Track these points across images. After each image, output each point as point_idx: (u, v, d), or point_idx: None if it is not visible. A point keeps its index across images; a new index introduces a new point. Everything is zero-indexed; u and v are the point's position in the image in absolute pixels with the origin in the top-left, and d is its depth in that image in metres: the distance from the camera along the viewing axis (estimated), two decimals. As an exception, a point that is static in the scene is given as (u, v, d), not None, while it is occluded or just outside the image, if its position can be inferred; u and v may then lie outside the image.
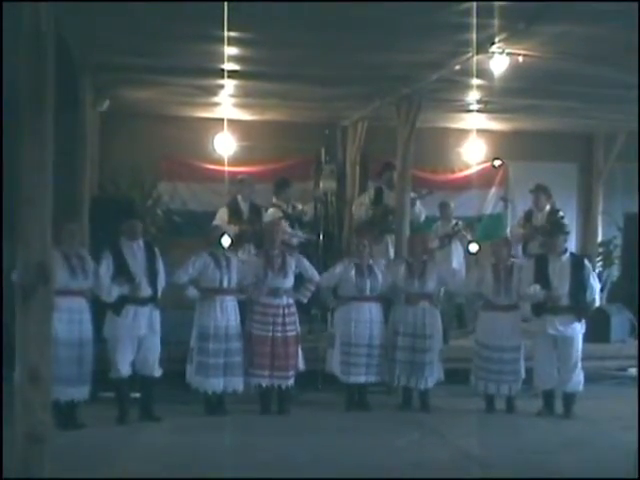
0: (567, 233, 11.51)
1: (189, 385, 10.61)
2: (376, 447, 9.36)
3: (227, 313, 10.59)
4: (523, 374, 11.01)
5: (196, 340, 10.55)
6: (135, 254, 10.23)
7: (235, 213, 13.03)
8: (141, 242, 10.34)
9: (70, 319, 9.70)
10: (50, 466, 5.83)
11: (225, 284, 10.62)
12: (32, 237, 5.56)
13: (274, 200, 13.50)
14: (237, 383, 10.64)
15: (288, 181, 13.74)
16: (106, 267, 10.04)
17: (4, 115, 9.50)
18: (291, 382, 10.78)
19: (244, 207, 13.19)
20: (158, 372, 10.32)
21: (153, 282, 10.25)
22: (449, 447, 9.54)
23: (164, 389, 10.52)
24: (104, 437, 9.50)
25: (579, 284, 10.85)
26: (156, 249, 10.50)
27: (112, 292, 10.04)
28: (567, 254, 11.08)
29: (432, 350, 11.02)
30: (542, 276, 10.84)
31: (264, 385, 10.68)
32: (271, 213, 13.15)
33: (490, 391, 11.03)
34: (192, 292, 10.64)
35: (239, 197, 13.29)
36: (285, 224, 12.77)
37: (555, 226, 11.80)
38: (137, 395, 10.37)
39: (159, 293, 10.36)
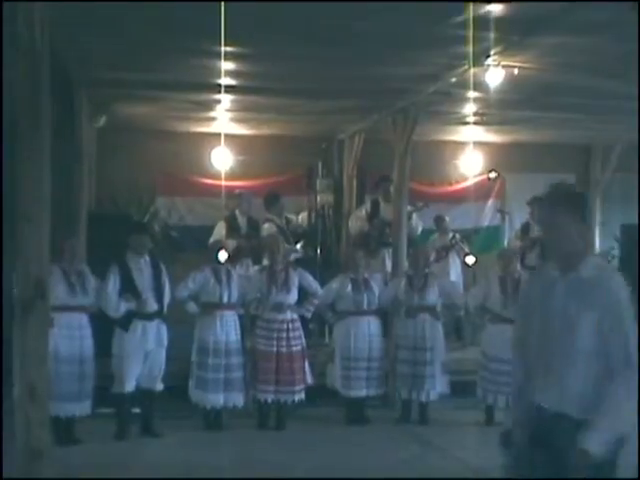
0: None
1: (189, 400, 10.60)
2: (375, 461, 9.36)
3: (227, 328, 10.58)
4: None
5: (196, 355, 10.55)
6: (142, 269, 10.24)
7: (233, 228, 13.03)
8: (147, 257, 10.34)
9: (70, 335, 9.73)
10: (49, 482, 5.81)
11: (225, 299, 10.61)
12: (30, 253, 5.55)
13: (267, 215, 13.49)
14: (237, 398, 10.62)
15: (278, 195, 13.74)
16: (113, 283, 10.06)
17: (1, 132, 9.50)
18: (298, 397, 10.73)
19: (242, 221, 13.19)
20: (160, 386, 10.32)
21: (159, 297, 10.26)
22: (448, 459, 9.54)
23: (164, 404, 10.51)
24: (103, 453, 9.50)
25: None
26: (162, 264, 10.51)
27: (119, 308, 10.06)
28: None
29: (433, 363, 11.01)
30: None
31: (269, 400, 10.65)
32: (266, 228, 13.13)
33: (500, 404, 10.98)
34: (192, 307, 10.64)
35: (237, 211, 13.30)
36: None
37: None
38: (137, 410, 10.36)
39: (165, 308, 10.37)
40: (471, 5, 7.98)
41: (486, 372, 11.05)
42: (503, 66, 9.92)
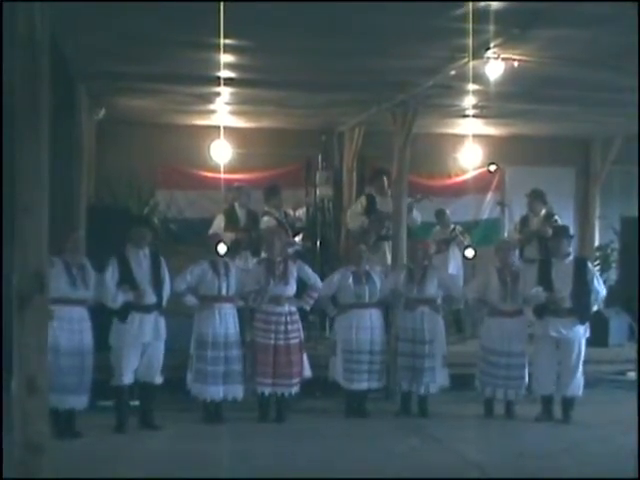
0: (571, 237, 11.50)
1: (189, 392, 10.59)
2: (375, 453, 9.35)
3: (226, 321, 10.57)
4: (527, 379, 10.98)
5: (195, 348, 10.54)
6: (140, 262, 10.23)
7: (232, 220, 13.01)
8: (147, 250, 10.33)
9: (71, 328, 9.72)
10: (49, 475, 5.81)
11: (224, 292, 10.61)
12: (29, 246, 5.55)
13: (265, 208, 13.42)
14: (237, 391, 10.61)
15: (278, 187, 13.66)
16: (111, 274, 10.05)
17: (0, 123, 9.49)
18: (295, 390, 10.73)
19: (241, 214, 13.16)
20: (159, 379, 10.31)
21: (158, 289, 10.26)
22: (448, 452, 9.52)
23: (163, 397, 10.50)
24: (103, 446, 9.48)
25: (582, 287, 10.82)
26: (161, 257, 10.50)
27: (117, 299, 10.05)
28: (571, 257, 11.07)
29: (432, 356, 10.97)
30: (545, 279, 10.82)
31: (267, 393, 10.65)
32: (265, 221, 13.09)
33: (498, 396, 10.98)
34: (191, 300, 10.63)
35: (236, 204, 13.27)
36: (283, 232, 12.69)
37: (559, 230, 11.77)
38: (136, 403, 10.36)
39: (164, 301, 10.37)
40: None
41: (484, 365, 11.05)
42: (503, 59, 9.92)
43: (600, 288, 11.01)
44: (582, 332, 10.84)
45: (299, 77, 11.79)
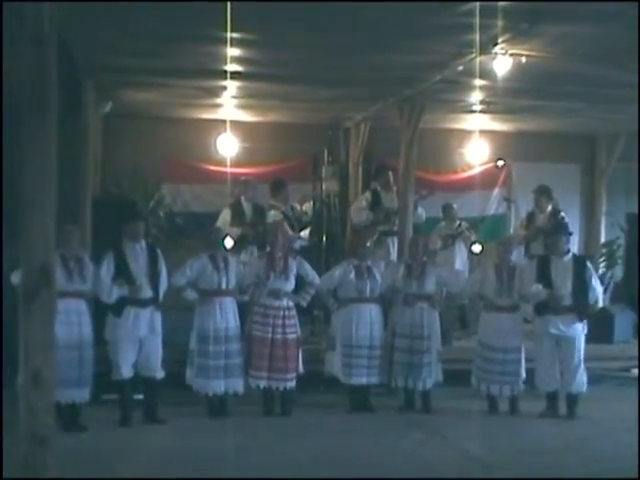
0: (570, 234, 11.49)
1: (190, 387, 10.60)
2: (378, 448, 9.36)
3: (226, 315, 10.57)
4: (524, 374, 10.98)
5: (196, 342, 10.53)
6: (137, 256, 10.21)
7: (238, 214, 12.99)
8: (143, 244, 10.32)
9: (68, 321, 9.66)
10: (53, 469, 5.82)
11: (224, 286, 10.60)
12: (35, 240, 5.55)
13: (272, 202, 13.40)
14: (237, 384, 10.62)
15: (284, 181, 13.64)
16: (107, 268, 10.03)
17: (6, 118, 9.50)
18: (290, 384, 10.74)
19: (247, 208, 13.14)
20: (160, 374, 10.30)
21: (154, 284, 10.23)
22: (451, 448, 9.53)
23: (166, 391, 10.51)
24: (107, 440, 9.49)
25: (581, 284, 10.83)
26: (158, 251, 10.49)
27: (112, 293, 10.03)
28: (569, 254, 11.07)
29: (430, 351, 10.99)
30: (544, 276, 10.83)
31: (262, 386, 10.66)
32: (272, 215, 13.08)
33: (493, 392, 11.00)
34: (191, 294, 10.62)
35: (242, 198, 13.25)
36: (286, 227, 12.71)
37: (558, 226, 11.78)
38: (140, 397, 10.36)
39: (161, 295, 10.35)
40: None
41: (480, 361, 11.07)
42: (510, 54, 9.91)
43: (597, 286, 11.02)
44: (581, 329, 10.85)
45: (306, 71, 11.78)
